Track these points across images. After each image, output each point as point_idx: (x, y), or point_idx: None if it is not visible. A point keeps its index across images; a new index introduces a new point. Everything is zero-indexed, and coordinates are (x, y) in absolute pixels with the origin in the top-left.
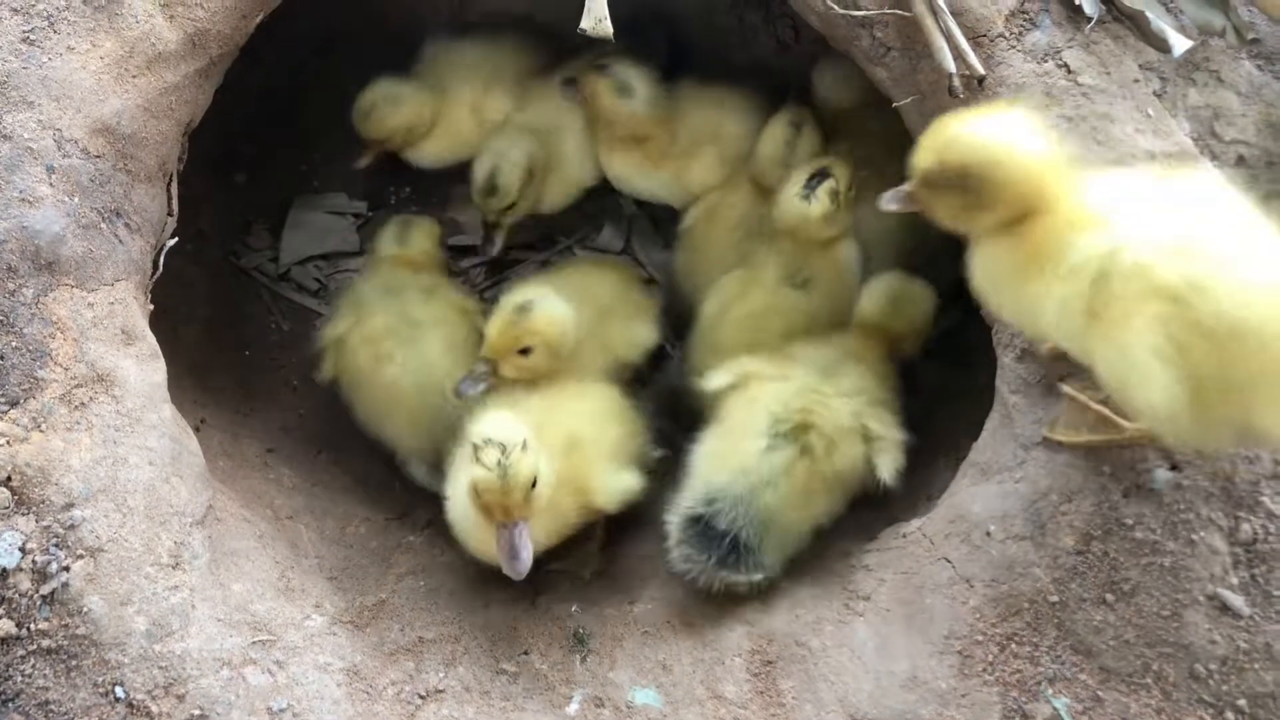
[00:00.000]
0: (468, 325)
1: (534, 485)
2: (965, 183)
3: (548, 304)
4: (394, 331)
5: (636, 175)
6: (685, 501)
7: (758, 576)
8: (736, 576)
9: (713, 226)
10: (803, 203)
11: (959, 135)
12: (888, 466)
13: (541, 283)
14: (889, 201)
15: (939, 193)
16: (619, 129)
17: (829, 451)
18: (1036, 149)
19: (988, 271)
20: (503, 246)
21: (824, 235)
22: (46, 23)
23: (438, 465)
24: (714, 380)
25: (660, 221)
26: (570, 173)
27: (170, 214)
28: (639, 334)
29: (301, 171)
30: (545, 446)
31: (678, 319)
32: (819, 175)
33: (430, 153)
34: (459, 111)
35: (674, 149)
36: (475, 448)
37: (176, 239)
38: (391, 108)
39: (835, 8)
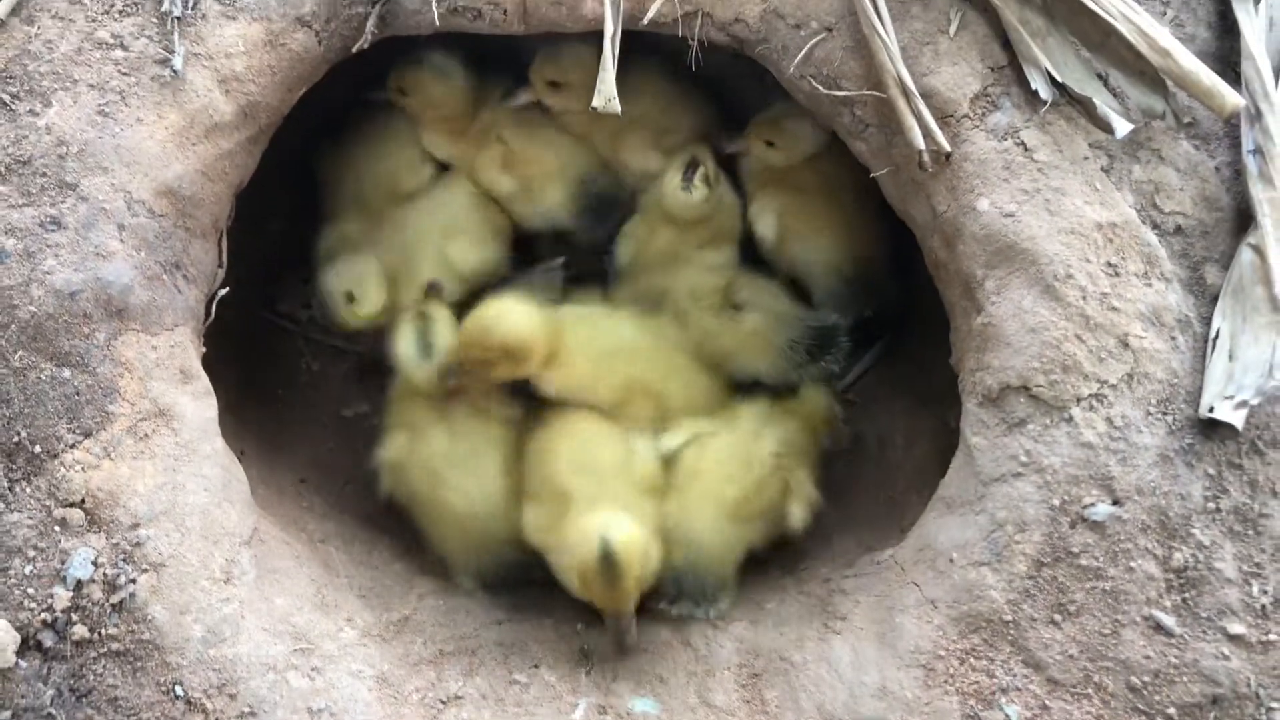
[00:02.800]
0: (513, 436)
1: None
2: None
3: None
4: (451, 459)
5: (442, 147)
6: None
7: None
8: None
9: (645, 258)
10: (684, 194)
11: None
12: (797, 517)
13: None
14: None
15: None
16: (442, 110)
17: (757, 493)
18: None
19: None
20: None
21: (706, 214)
22: (119, 97)
23: (484, 577)
24: (670, 441)
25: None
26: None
27: (220, 266)
28: None
29: None
30: None
31: None
32: (690, 166)
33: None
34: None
35: (472, 132)
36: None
37: (227, 288)
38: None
39: (819, 88)
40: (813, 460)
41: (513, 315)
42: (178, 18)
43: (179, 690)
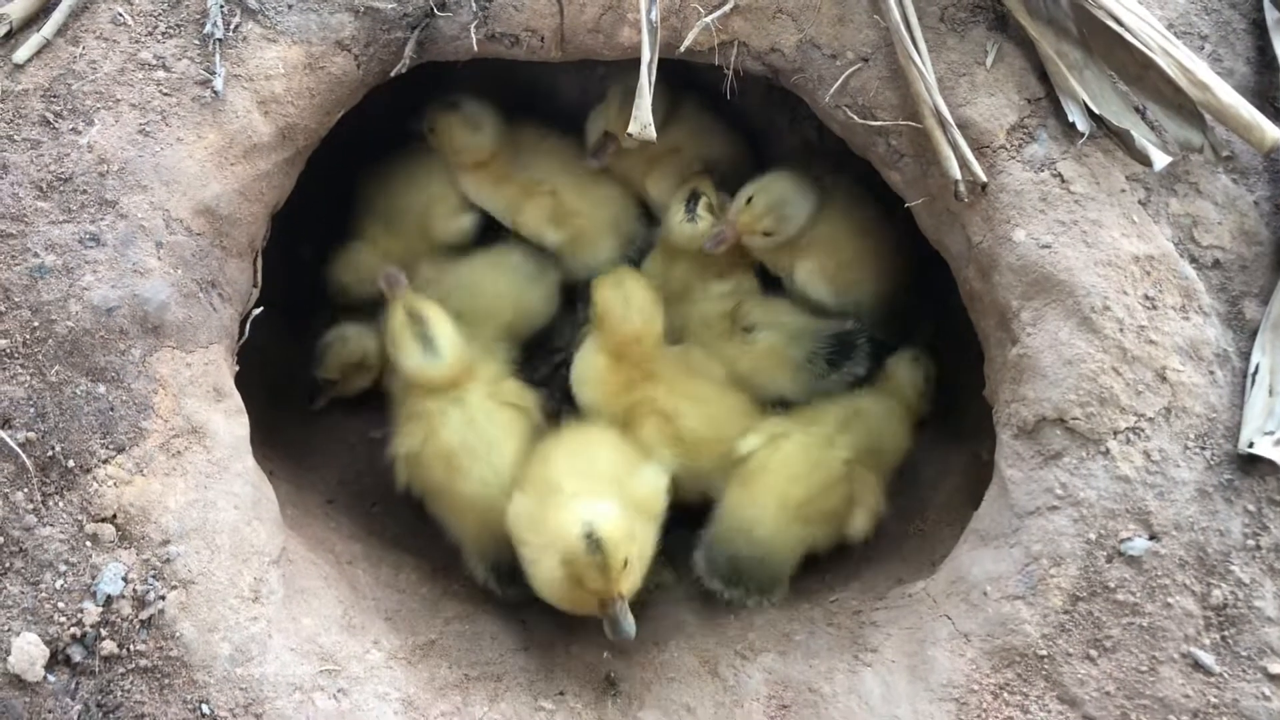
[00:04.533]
0: (529, 424)
1: (625, 564)
2: None
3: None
4: (468, 448)
5: (480, 193)
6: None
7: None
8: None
9: (666, 291)
10: (690, 226)
11: None
12: (859, 525)
13: None
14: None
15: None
16: (467, 156)
17: (822, 495)
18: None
19: None
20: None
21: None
22: (160, 117)
23: (499, 567)
24: (748, 443)
25: None
26: None
27: (255, 286)
28: None
29: None
30: None
31: None
32: (692, 198)
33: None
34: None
35: (514, 176)
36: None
37: (261, 308)
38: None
39: (855, 118)
40: (889, 465)
41: (644, 301)
42: (219, 40)
43: (205, 708)
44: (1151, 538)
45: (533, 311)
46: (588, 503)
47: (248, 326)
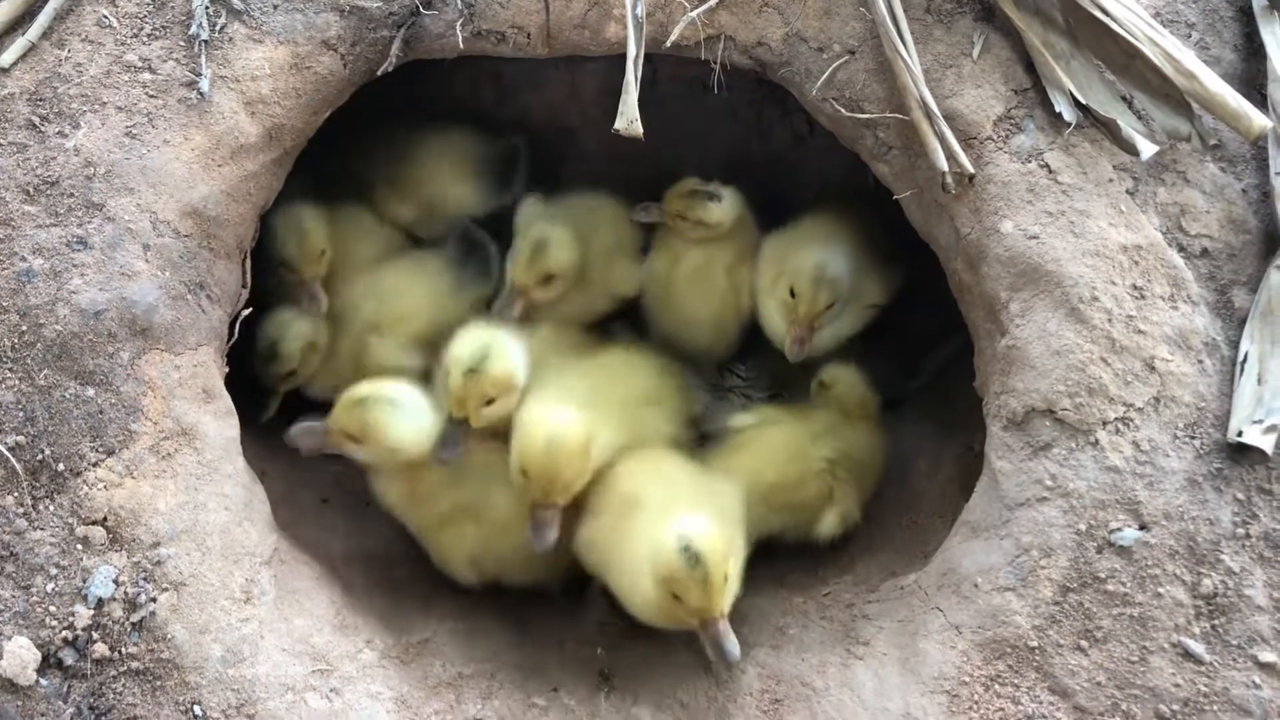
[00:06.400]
0: None
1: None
2: None
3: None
4: (467, 508)
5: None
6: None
7: None
8: None
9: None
10: (717, 205)
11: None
12: (829, 525)
13: None
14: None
15: None
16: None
17: (793, 486)
18: None
19: None
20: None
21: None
22: (146, 119)
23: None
24: (741, 419)
25: None
26: None
27: (244, 286)
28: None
29: None
30: None
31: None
32: (705, 191)
33: None
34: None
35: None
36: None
37: (251, 309)
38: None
39: (842, 111)
40: (868, 481)
41: (566, 429)
42: (205, 41)
43: (198, 710)
44: (1141, 528)
45: (448, 321)
46: (681, 516)
47: (237, 327)
